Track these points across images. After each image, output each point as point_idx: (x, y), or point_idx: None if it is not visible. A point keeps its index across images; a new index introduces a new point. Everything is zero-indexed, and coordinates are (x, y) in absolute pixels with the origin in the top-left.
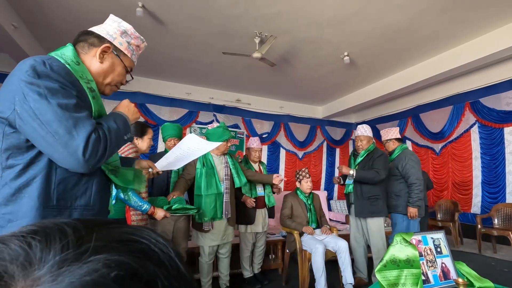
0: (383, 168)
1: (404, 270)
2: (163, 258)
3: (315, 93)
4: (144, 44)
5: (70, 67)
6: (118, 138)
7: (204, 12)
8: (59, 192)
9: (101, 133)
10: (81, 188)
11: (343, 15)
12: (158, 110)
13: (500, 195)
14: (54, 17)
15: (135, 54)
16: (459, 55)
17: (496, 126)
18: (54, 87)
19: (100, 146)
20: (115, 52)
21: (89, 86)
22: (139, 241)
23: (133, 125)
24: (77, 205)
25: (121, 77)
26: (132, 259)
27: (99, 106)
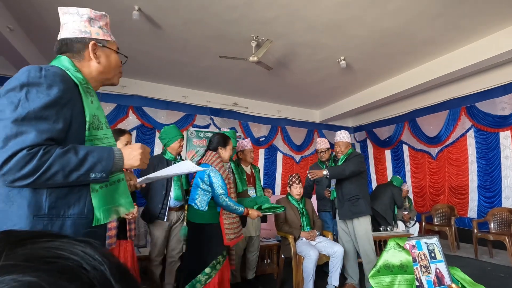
0: (352, 163)
1: (397, 275)
2: (92, 277)
3: (312, 97)
4: (108, 16)
5: (70, 73)
6: (70, 169)
7: (201, 16)
8: (51, 201)
9: (41, 153)
10: (74, 196)
11: (339, 20)
12: (154, 113)
13: (496, 199)
14: (50, 20)
15: (110, 33)
16: (455, 60)
17: (491, 130)
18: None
19: (28, 166)
20: (100, 44)
21: (88, 91)
22: (67, 257)
23: (218, 137)
24: (70, 214)
25: (119, 62)
26: (47, 280)
27: (96, 109)
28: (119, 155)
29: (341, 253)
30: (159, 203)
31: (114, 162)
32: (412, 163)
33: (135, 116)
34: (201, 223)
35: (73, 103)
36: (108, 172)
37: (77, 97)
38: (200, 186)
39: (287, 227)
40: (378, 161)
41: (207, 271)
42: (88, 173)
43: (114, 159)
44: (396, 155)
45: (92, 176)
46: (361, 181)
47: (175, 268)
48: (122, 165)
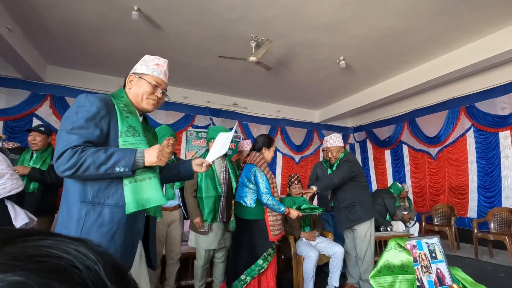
0: (341, 171)
1: (398, 276)
2: (86, 277)
3: (312, 97)
4: (163, 60)
5: (113, 99)
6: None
7: (200, 16)
8: (94, 191)
9: (78, 152)
10: (112, 189)
11: (339, 20)
12: (154, 113)
13: (496, 199)
14: (49, 20)
15: (156, 70)
16: (454, 60)
17: (491, 130)
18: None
19: (70, 160)
20: (137, 76)
21: (126, 109)
22: (59, 256)
23: (264, 138)
24: (108, 203)
25: (147, 90)
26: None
27: (133, 122)
28: (141, 154)
29: (342, 253)
30: None
31: (135, 159)
32: (412, 163)
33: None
34: (249, 219)
35: (109, 117)
36: (130, 166)
37: (113, 114)
38: (248, 185)
39: (287, 227)
40: (378, 161)
41: (260, 262)
42: (113, 167)
43: (136, 156)
44: (396, 155)
45: (117, 170)
46: (356, 186)
47: (175, 270)
48: (143, 162)
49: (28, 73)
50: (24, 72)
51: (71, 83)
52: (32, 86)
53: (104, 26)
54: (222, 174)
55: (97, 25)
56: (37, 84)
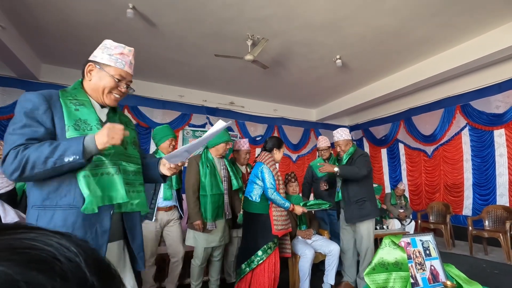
0: (363, 165)
1: (392, 273)
2: (66, 268)
3: (308, 96)
4: (128, 49)
5: (61, 93)
6: (45, 157)
7: (196, 14)
8: (44, 194)
9: (20, 151)
10: (64, 189)
11: (335, 18)
12: (150, 112)
13: (490, 197)
14: (43, 18)
15: (121, 61)
16: (450, 58)
17: (486, 128)
18: (15, 118)
19: (14, 161)
20: (98, 66)
21: (75, 102)
22: (41, 248)
23: (274, 139)
24: (61, 204)
25: (110, 85)
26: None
27: (84, 115)
28: (90, 138)
29: (337, 251)
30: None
31: (84, 144)
32: (408, 161)
33: (130, 115)
34: (254, 212)
35: (52, 112)
36: (80, 153)
37: (58, 108)
38: (256, 182)
39: None
40: (374, 159)
41: (259, 253)
42: (62, 158)
43: (84, 141)
44: (392, 154)
45: (66, 160)
46: (367, 182)
47: (179, 269)
48: (95, 146)
49: (23, 72)
50: (18, 70)
51: (66, 81)
52: (27, 84)
53: (99, 24)
54: (222, 172)
55: (92, 23)
56: (32, 82)
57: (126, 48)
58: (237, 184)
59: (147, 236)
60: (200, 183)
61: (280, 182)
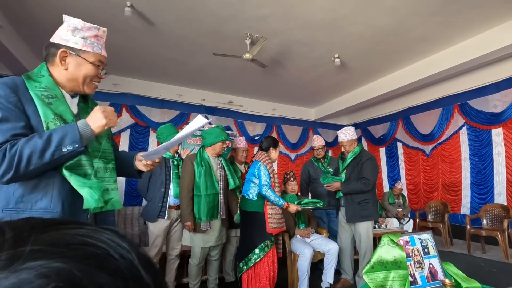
0: (371, 175)
1: (391, 271)
2: (122, 265)
3: (307, 95)
4: (103, 29)
5: (27, 82)
6: (40, 149)
7: (195, 13)
8: (18, 195)
9: (7, 149)
10: (40, 191)
11: (334, 17)
12: (148, 111)
13: (488, 195)
14: (40, 16)
15: (97, 45)
16: (448, 58)
17: (484, 128)
18: None
19: (4, 162)
20: (74, 53)
21: (46, 94)
22: (95, 244)
23: (270, 139)
24: (37, 208)
25: (91, 73)
26: (77, 267)
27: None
28: (83, 124)
29: (336, 250)
30: (158, 201)
31: (80, 131)
32: (406, 160)
33: (128, 114)
34: (251, 211)
35: (22, 105)
36: (79, 140)
37: (28, 100)
38: (253, 180)
39: None
40: None
41: (257, 251)
42: (60, 148)
43: (79, 128)
44: (391, 153)
45: (65, 150)
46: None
47: (175, 266)
48: (91, 131)
49: (20, 71)
50: (15, 69)
51: None
52: None
53: (96, 22)
54: (218, 171)
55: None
56: None
57: (100, 29)
58: (233, 184)
59: (157, 234)
60: (194, 183)
61: (276, 181)
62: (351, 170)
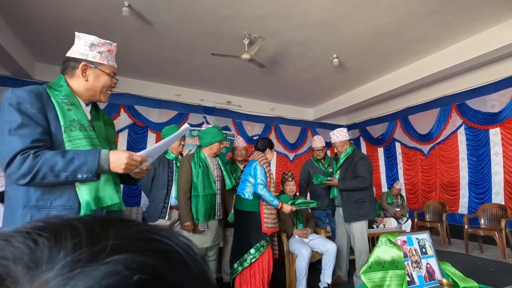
0: (367, 173)
1: (389, 271)
2: (188, 260)
3: (305, 95)
4: (114, 44)
5: (49, 90)
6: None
7: (192, 13)
8: (38, 194)
9: (30, 157)
10: (58, 190)
11: (332, 17)
12: (146, 112)
13: (486, 195)
14: (38, 16)
15: (111, 58)
16: (446, 58)
17: (481, 127)
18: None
19: (23, 167)
20: (93, 66)
21: (67, 101)
22: (162, 241)
23: (266, 141)
24: (56, 205)
25: (108, 83)
26: (157, 261)
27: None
28: (105, 159)
29: (334, 250)
30: (160, 202)
31: (99, 165)
32: (404, 160)
33: (127, 115)
34: (246, 210)
35: (45, 111)
36: (94, 172)
37: (50, 107)
38: (249, 180)
39: (280, 224)
40: (371, 158)
41: (252, 251)
42: (75, 174)
43: (100, 161)
44: (389, 153)
45: (79, 177)
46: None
47: None
48: (108, 168)
49: (17, 71)
50: (12, 69)
51: None
52: (21, 83)
53: (94, 23)
54: (215, 171)
55: (87, 21)
56: (26, 81)
57: (112, 44)
58: (230, 184)
59: None
60: (192, 184)
61: (272, 181)
62: (344, 170)
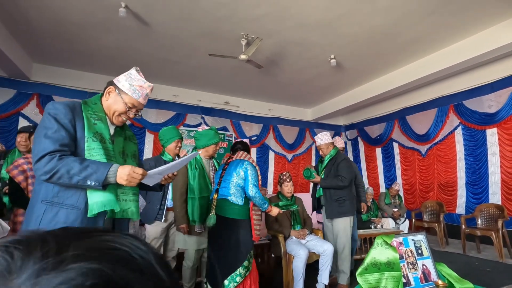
0: (347, 173)
1: (384, 272)
2: (142, 264)
3: (303, 96)
4: (148, 84)
5: (83, 106)
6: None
7: (190, 13)
8: (55, 191)
9: (56, 159)
10: (71, 190)
11: (329, 17)
12: (144, 112)
13: (483, 195)
14: (35, 17)
15: (138, 93)
16: (443, 58)
17: (478, 128)
18: (47, 123)
19: (47, 166)
20: (117, 91)
21: (95, 116)
22: (119, 248)
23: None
24: (66, 204)
25: (120, 109)
26: (108, 267)
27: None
28: (113, 172)
29: (331, 251)
30: (156, 203)
31: (107, 176)
32: (402, 160)
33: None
34: (235, 218)
35: (75, 121)
36: (101, 182)
37: (80, 119)
38: (233, 180)
39: (277, 226)
40: (369, 159)
41: (246, 264)
42: (85, 179)
43: (108, 173)
44: (387, 153)
45: (88, 183)
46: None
47: (172, 267)
48: (114, 180)
49: (14, 71)
50: (9, 70)
51: (58, 81)
52: (18, 84)
53: (91, 23)
54: (211, 173)
55: (84, 22)
56: (23, 82)
57: (146, 83)
58: None
59: (154, 236)
60: (188, 186)
61: (260, 184)
62: (328, 170)
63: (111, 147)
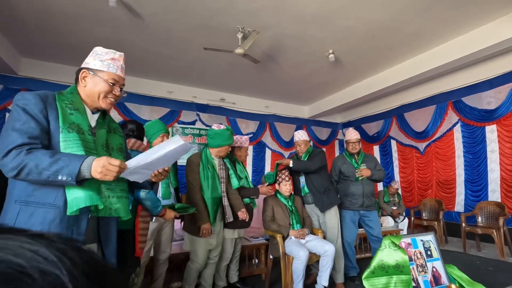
0: (317, 160)
1: (393, 276)
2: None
3: (300, 92)
4: (118, 54)
5: (57, 96)
6: (42, 168)
7: (184, 4)
8: (29, 190)
9: (23, 153)
10: (48, 189)
11: (327, 11)
12: (137, 109)
13: (482, 193)
14: (22, 9)
15: (113, 66)
16: (442, 54)
17: (478, 124)
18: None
19: (14, 161)
20: (92, 73)
21: (70, 107)
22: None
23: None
24: (43, 203)
25: (105, 89)
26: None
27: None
28: (88, 164)
29: (333, 252)
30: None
31: (80, 169)
32: (400, 158)
33: (116, 112)
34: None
35: (47, 112)
36: (75, 176)
37: (53, 109)
38: None
39: (275, 225)
40: None
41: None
42: (56, 174)
43: (81, 166)
44: (385, 151)
45: (59, 178)
46: (327, 174)
47: (164, 270)
48: (89, 174)
49: (1, 67)
50: None
51: (47, 76)
52: (5, 79)
53: (81, 14)
54: (221, 172)
55: (72, 13)
56: (10, 77)
57: (116, 53)
58: (237, 183)
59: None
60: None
61: None
62: None
63: (91, 138)
